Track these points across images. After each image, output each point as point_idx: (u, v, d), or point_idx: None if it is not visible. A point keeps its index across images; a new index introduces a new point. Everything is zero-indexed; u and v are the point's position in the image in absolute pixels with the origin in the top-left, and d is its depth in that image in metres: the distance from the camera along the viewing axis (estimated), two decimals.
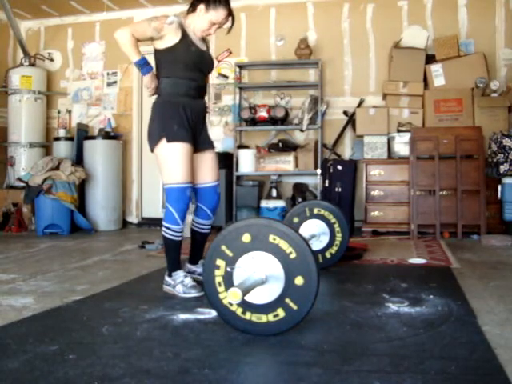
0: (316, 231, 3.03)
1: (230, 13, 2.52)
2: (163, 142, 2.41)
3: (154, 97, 2.62)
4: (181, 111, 2.45)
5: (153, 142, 2.47)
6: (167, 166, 2.43)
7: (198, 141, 2.54)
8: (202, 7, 2.48)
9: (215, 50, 5.77)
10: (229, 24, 2.56)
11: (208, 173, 2.61)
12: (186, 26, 2.52)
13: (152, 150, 2.51)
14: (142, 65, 2.44)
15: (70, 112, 6.18)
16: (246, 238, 1.75)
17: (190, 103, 2.49)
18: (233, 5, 2.58)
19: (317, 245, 3.00)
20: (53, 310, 2.17)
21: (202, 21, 2.50)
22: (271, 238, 1.72)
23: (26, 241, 4.58)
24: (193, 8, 2.53)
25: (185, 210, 2.48)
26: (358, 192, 5.12)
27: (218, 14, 2.47)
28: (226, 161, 5.23)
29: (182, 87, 2.48)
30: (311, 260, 1.69)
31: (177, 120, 2.43)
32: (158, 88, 2.54)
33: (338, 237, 3.00)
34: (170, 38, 2.44)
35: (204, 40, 2.62)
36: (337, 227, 3.00)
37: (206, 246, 2.71)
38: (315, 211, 3.04)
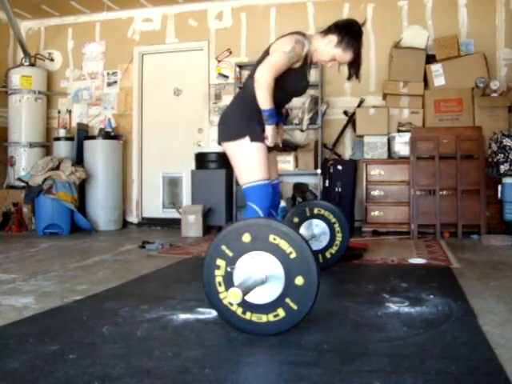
0: (316, 231, 3.03)
1: (357, 58, 2.42)
2: (246, 140, 2.37)
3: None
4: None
5: (231, 136, 2.41)
6: (249, 164, 2.38)
7: None
8: (333, 39, 2.39)
9: (215, 50, 5.79)
10: (349, 65, 2.47)
11: (273, 171, 2.63)
12: (309, 51, 2.42)
13: (222, 142, 2.47)
14: (272, 114, 2.36)
15: (70, 112, 6.19)
16: (246, 237, 1.75)
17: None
18: (233, 5, 2.56)
19: (317, 245, 3.01)
20: (53, 309, 2.17)
21: (325, 52, 2.42)
22: (271, 237, 1.72)
23: (27, 241, 4.58)
24: (325, 32, 2.43)
25: (269, 208, 2.42)
26: (358, 192, 5.12)
27: (345, 55, 2.40)
28: (226, 161, 5.21)
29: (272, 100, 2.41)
30: (311, 260, 1.69)
31: (260, 122, 2.40)
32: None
33: (338, 237, 3.01)
34: None
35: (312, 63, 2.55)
36: (337, 227, 3.00)
37: (206, 246, 2.69)
38: (315, 211, 3.04)
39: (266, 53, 2.42)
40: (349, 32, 2.38)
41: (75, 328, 1.89)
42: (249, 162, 2.39)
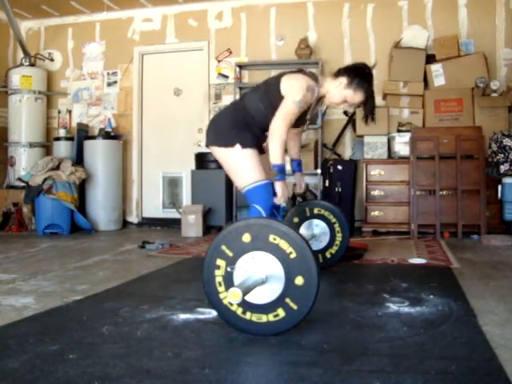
0: (316, 231, 3.03)
1: (369, 99, 2.46)
2: (237, 147, 2.42)
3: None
4: (256, 130, 2.49)
5: (220, 142, 2.46)
6: (244, 168, 2.43)
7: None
8: (343, 81, 2.43)
9: (215, 50, 5.79)
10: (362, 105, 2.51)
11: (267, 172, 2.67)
12: (320, 93, 2.47)
13: (210, 145, 2.52)
14: (282, 170, 2.40)
15: (70, 112, 6.18)
16: (246, 237, 1.75)
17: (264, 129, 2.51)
18: (233, 5, 2.57)
19: (317, 245, 3.01)
20: (53, 309, 2.17)
21: (336, 94, 2.46)
22: (271, 237, 1.72)
23: (27, 241, 4.58)
24: (335, 75, 2.48)
25: (271, 208, 2.45)
26: (358, 192, 5.12)
27: (356, 96, 2.44)
28: None
29: (267, 123, 2.45)
30: (311, 260, 1.69)
31: (252, 133, 2.47)
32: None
33: (338, 237, 3.01)
34: None
35: (321, 99, 2.58)
36: (337, 227, 3.00)
37: (206, 246, 2.70)
38: (315, 211, 3.04)
39: (277, 82, 2.42)
40: (358, 74, 2.43)
41: (75, 328, 1.89)
42: (243, 166, 2.43)
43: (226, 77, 5.73)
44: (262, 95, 2.48)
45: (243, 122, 2.48)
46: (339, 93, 2.46)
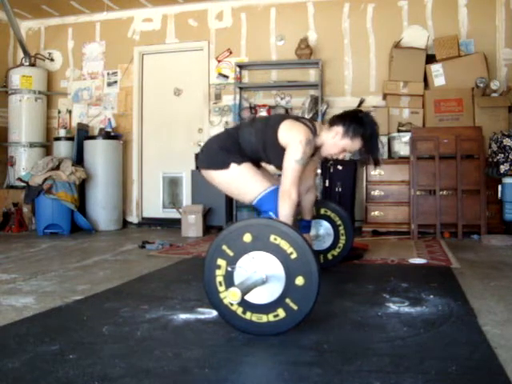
0: (320, 231, 3.03)
1: (368, 142, 2.39)
2: (233, 166, 2.42)
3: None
4: (246, 156, 2.50)
5: (214, 165, 2.47)
6: (247, 182, 2.42)
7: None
8: (339, 131, 2.40)
9: (215, 50, 5.79)
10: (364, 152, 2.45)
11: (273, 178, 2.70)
12: (316, 144, 2.44)
13: (203, 169, 2.52)
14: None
15: (70, 112, 6.19)
16: (247, 237, 1.75)
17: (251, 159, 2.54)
18: (233, 5, 2.57)
19: (320, 245, 3.00)
20: (53, 309, 2.17)
21: (334, 145, 2.43)
22: (272, 237, 1.72)
23: (27, 241, 4.58)
24: (330, 124, 2.45)
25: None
26: (358, 192, 5.12)
27: (354, 144, 2.40)
28: None
29: (254, 156, 2.48)
30: (312, 260, 1.68)
31: (244, 156, 2.48)
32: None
33: (342, 239, 3.00)
34: None
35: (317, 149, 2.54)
36: (341, 229, 3.00)
37: (206, 246, 2.70)
38: (322, 211, 3.03)
39: (276, 126, 2.39)
40: (353, 120, 2.38)
41: (75, 328, 1.88)
42: (246, 181, 2.42)
43: (226, 77, 5.73)
44: (257, 131, 2.46)
45: (234, 147, 2.47)
46: (337, 143, 2.42)
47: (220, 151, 2.47)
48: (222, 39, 5.75)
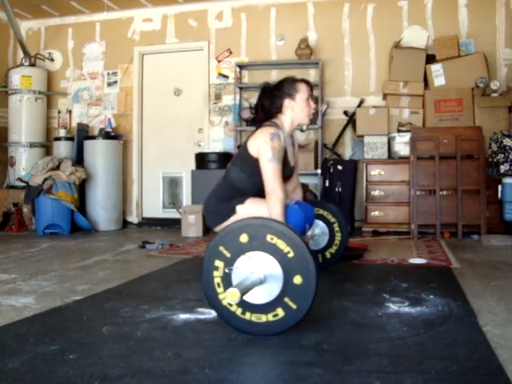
0: (316, 231, 3.03)
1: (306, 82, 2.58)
2: (238, 208, 2.43)
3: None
4: (249, 194, 2.50)
5: (223, 218, 2.47)
6: (259, 211, 2.36)
7: None
8: (288, 101, 2.51)
9: (215, 50, 5.79)
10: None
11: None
12: (286, 132, 2.52)
13: (215, 227, 2.52)
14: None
15: (70, 112, 6.19)
16: (244, 238, 1.75)
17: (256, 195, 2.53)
18: (233, 5, 2.58)
19: (316, 244, 3.01)
20: (53, 309, 2.17)
21: (300, 108, 2.52)
22: (269, 237, 1.72)
23: (27, 241, 4.58)
24: (276, 111, 2.52)
25: (304, 225, 2.48)
26: (358, 192, 5.12)
27: (303, 89, 2.52)
28: (226, 161, 5.22)
29: (257, 189, 2.46)
30: (309, 258, 1.69)
31: (244, 195, 2.48)
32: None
33: (338, 236, 3.00)
34: None
35: (291, 136, 2.63)
36: (336, 227, 3.00)
37: (205, 247, 2.69)
38: (315, 211, 3.03)
39: (245, 148, 2.44)
40: (285, 83, 2.53)
41: (75, 328, 1.88)
42: (257, 212, 2.35)
43: (226, 77, 5.73)
44: (241, 166, 2.48)
45: (232, 193, 2.48)
46: (299, 106, 2.52)
47: (219, 204, 2.50)
48: (221, 39, 5.75)
